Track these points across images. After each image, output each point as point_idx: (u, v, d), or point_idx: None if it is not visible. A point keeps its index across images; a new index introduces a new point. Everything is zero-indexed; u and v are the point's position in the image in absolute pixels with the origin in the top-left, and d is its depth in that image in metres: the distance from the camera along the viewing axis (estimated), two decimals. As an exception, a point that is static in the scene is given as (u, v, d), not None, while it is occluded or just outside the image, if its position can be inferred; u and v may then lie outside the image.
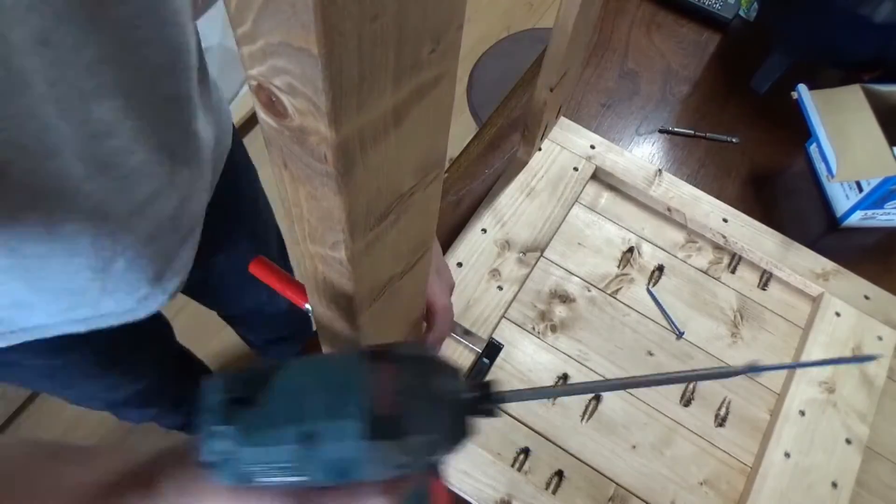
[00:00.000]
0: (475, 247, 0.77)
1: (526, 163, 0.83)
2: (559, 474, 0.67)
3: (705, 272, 0.80)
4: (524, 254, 0.78)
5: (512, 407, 0.69)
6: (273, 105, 0.21)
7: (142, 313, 0.65)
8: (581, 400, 0.71)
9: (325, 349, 0.49)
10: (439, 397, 0.33)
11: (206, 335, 1.08)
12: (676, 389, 0.72)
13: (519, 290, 0.76)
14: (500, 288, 0.75)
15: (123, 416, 1.09)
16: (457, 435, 0.34)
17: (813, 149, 0.92)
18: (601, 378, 0.72)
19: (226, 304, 1.06)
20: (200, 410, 0.32)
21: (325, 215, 0.26)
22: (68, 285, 0.55)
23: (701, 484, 0.68)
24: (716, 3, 1.03)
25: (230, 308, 1.09)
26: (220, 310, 1.12)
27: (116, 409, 1.02)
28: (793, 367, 0.54)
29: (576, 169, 0.83)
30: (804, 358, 0.73)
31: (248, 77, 0.21)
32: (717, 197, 0.82)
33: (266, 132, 0.24)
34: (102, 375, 0.80)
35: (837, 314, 0.76)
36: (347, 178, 0.23)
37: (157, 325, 0.92)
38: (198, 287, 0.82)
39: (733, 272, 0.80)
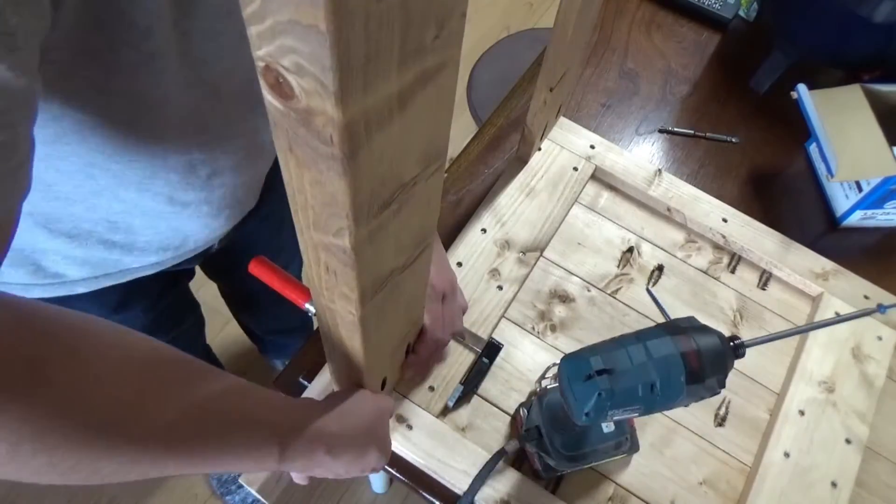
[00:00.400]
0: (475, 247, 0.77)
1: (526, 163, 0.83)
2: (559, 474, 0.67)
3: (705, 272, 0.80)
4: (524, 253, 0.77)
5: (511, 406, 0.69)
6: (280, 86, 0.21)
7: (212, 239, 0.70)
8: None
9: (325, 344, 0.48)
10: (717, 351, 0.50)
11: (208, 334, 1.09)
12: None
13: (519, 290, 0.76)
14: (499, 288, 0.75)
15: None
16: (728, 370, 0.51)
17: (813, 148, 0.92)
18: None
19: (240, 278, 1.06)
20: (571, 380, 0.51)
21: (330, 200, 0.26)
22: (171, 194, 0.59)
23: (700, 484, 0.68)
24: (715, 4, 1.03)
25: (243, 281, 1.09)
26: (231, 285, 1.12)
27: None
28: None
29: (575, 169, 0.83)
30: (804, 357, 0.73)
31: (255, 59, 0.21)
32: (717, 197, 0.83)
33: (272, 115, 0.23)
34: None
35: (837, 314, 0.76)
36: (352, 162, 0.23)
37: (193, 307, 0.98)
38: (220, 255, 0.82)
39: (733, 272, 0.80)
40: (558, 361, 0.55)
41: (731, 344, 0.52)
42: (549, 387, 0.65)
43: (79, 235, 0.58)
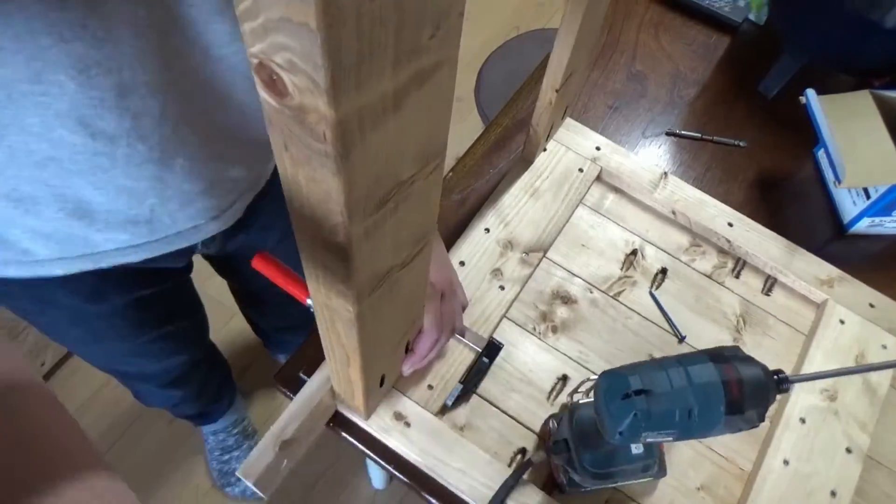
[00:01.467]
0: (478, 246, 0.77)
1: (531, 163, 0.83)
2: (557, 475, 0.67)
3: (709, 276, 0.80)
4: (527, 254, 0.77)
5: (510, 406, 0.69)
6: (274, 84, 0.21)
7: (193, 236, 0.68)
8: (580, 401, 0.70)
9: (324, 340, 0.49)
10: (760, 383, 0.48)
11: (214, 326, 1.10)
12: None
13: (521, 291, 0.76)
14: (501, 288, 0.75)
15: (147, 394, 1.12)
16: (769, 404, 0.49)
17: (821, 154, 0.91)
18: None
19: (246, 278, 1.06)
20: (608, 397, 0.50)
21: (324, 197, 0.26)
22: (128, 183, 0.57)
23: (698, 489, 0.67)
24: (725, 6, 1.03)
25: (249, 282, 1.08)
26: (239, 283, 1.12)
27: (144, 384, 1.04)
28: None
29: (581, 170, 0.83)
30: (807, 365, 0.72)
31: (249, 55, 0.21)
32: (723, 201, 0.82)
33: (267, 113, 0.24)
34: (132, 336, 0.83)
35: (842, 321, 0.75)
36: (346, 160, 0.23)
37: (189, 309, 0.96)
38: (226, 254, 0.82)
39: (737, 277, 0.80)
40: (593, 376, 0.53)
41: (775, 378, 0.49)
42: (581, 401, 0.63)
43: (22, 200, 0.54)
